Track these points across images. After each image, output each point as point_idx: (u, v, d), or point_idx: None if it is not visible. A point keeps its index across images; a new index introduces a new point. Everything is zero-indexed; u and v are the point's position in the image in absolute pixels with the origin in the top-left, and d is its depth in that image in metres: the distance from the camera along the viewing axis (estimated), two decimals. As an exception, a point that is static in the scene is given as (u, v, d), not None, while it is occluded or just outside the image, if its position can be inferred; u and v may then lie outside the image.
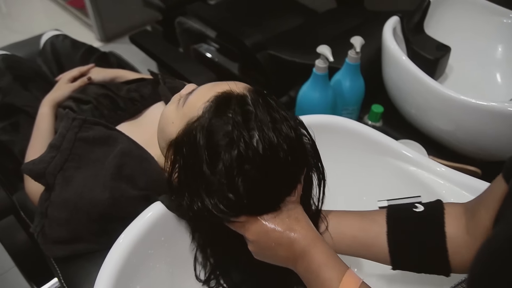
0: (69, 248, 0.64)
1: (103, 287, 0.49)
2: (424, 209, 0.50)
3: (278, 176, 0.46)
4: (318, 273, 0.44)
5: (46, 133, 0.78)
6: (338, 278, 0.42)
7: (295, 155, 0.46)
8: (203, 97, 0.49)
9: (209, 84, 0.52)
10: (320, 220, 0.53)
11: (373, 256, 0.52)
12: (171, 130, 0.52)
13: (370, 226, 0.51)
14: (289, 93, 1.10)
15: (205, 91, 0.50)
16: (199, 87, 0.52)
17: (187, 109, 0.50)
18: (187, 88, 0.55)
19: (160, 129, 0.55)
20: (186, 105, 0.50)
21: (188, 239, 0.59)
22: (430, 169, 0.66)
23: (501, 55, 1.03)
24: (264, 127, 0.44)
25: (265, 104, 0.47)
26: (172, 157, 0.51)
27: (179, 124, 0.50)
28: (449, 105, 0.79)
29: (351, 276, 0.42)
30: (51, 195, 0.62)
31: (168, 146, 0.52)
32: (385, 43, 0.90)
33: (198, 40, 1.32)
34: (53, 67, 1.04)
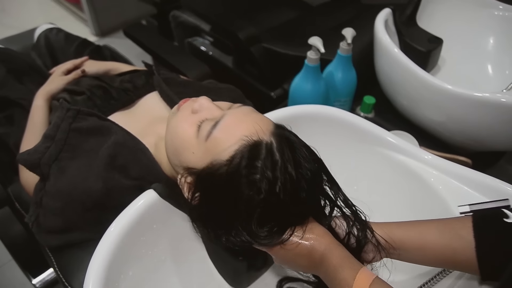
0: (63, 237, 0.65)
1: (95, 273, 0.50)
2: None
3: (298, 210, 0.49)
4: (335, 275, 0.45)
5: (40, 125, 0.79)
6: (352, 276, 0.43)
7: (313, 191, 0.50)
8: (230, 137, 0.48)
9: (233, 119, 0.50)
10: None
11: (460, 269, 0.51)
12: (191, 159, 0.52)
13: (457, 243, 0.47)
14: (283, 85, 1.10)
15: (232, 130, 0.49)
16: (223, 121, 0.50)
17: (212, 146, 0.49)
18: (204, 105, 0.53)
19: (174, 149, 0.54)
20: (210, 141, 0.49)
21: (180, 226, 0.60)
22: (420, 159, 0.66)
23: (492, 47, 1.04)
24: (288, 175, 0.47)
25: (289, 148, 0.49)
26: (193, 186, 0.52)
27: (201, 157, 0.50)
28: (441, 96, 0.80)
29: (365, 273, 0.43)
30: (46, 185, 0.63)
31: (186, 171, 0.53)
32: (377, 35, 0.91)
33: (193, 34, 1.32)
34: (47, 61, 1.04)
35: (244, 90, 0.83)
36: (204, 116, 0.52)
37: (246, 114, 0.51)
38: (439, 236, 0.48)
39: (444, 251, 0.48)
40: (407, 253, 0.50)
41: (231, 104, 0.56)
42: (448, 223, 0.50)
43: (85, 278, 0.50)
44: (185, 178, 0.53)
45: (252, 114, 0.51)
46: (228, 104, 0.57)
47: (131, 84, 0.79)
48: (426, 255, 0.49)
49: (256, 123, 0.49)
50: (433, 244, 0.48)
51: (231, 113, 0.51)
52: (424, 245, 0.49)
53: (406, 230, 0.50)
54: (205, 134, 0.50)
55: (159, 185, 0.59)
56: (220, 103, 0.56)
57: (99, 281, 0.50)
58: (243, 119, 0.50)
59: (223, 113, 0.51)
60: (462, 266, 0.48)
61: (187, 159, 0.52)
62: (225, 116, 0.50)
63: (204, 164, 0.50)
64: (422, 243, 0.49)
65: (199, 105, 0.54)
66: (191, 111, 0.54)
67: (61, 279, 0.63)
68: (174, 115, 0.56)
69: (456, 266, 0.49)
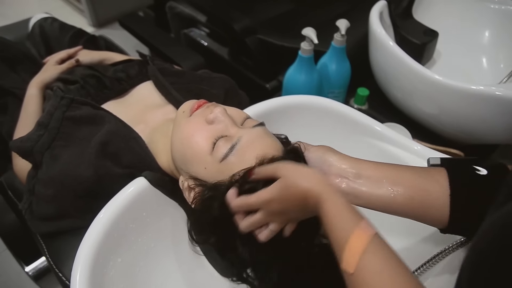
0: (55, 225, 0.65)
1: (83, 260, 0.50)
2: (488, 173, 0.46)
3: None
4: (331, 225, 0.42)
5: (33, 114, 0.79)
6: (350, 229, 0.40)
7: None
8: (244, 164, 0.49)
9: (249, 145, 0.51)
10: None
11: (424, 218, 0.48)
12: (201, 173, 0.52)
13: (431, 185, 0.47)
14: (278, 77, 1.10)
15: (246, 156, 0.50)
16: (240, 145, 0.50)
17: (226, 169, 0.50)
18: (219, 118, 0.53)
19: (183, 155, 0.54)
20: (225, 163, 0.50)
21: (170, 214, 0.60)
22: (412, 150, 0.67)
23: (488, 40, 1.04)
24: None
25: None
26: (195, 192, 0.53)
27: (212, 175, 0.51)
28: (435, 89, 0.80)
29: (363, 228, 0.40)
30: (38, 173, 0.63)
31: (192, 179, 0.54)
32: (372, 27, 0.90)
33: (189, 25, 1.32)
34: (42, 50, 1.04)
35: (239, 82, 0.83)
36: (220, 131, 0.52)
37: (261, 138, 0.52)
38: (415, 175, 0.48)
39: (417, 191, 0.47)
40: (373, 185, 0.48)
41: (245, 117, 0.56)
42: (424, 168, 0.50)
43: (73, 265, 0.50)
44: (187, 182, 0.54)
45: (266, 139, 0.52)
46: (241, 116, 0.57)
47: (125, 73, 0.79)
48: (397, 194, 0.47)
49: (268, 153, 0.50)
50: (407, 181, 0.48)
51: (247, 137, 0.51)
52: (397, 180, 0.48)
53: (379, 165, 0.50)
54: (221, 156, 0.50)
55: (150, 173, 0.59)
56: (233, 113, 0.56)
57: (87, 268, 0.50)
58: (257, 146, 0.51)
59: (238, 133, 0.52)
60: (429, 213, 0.47)
61: (197, 172, 0.53)
62: (241, 139, 0.51)
63: (213, 180, 0.51)
64: (396, 179, 0.48)
65: (214, 116, 0.53)
66: (205, 120, 0.54)
67: (52, 266, 0.63)
68: (187, 120, 0.55)
69: (425, 211, 0.47)
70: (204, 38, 1.27)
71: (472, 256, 0.34)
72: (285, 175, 0.45)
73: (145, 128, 0.68)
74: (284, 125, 0.72)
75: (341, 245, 0.40)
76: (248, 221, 0.48)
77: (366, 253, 0.38)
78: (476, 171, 0.47)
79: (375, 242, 0.39)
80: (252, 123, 0.55)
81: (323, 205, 0.43)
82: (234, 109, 0.58)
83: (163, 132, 0.65)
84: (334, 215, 0.42)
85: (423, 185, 0.47)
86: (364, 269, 0.38)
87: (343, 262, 0.39)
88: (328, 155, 0.52)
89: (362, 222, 0.41)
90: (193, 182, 0.54)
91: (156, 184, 0.59)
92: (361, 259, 0.38)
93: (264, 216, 0.48)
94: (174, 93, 0.73)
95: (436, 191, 0.46)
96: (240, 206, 0.48)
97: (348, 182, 0.49)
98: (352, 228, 0.40)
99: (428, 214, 0.47)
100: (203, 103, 0.56)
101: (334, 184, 0.49)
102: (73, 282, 0.49)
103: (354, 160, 0.51)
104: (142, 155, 0.64)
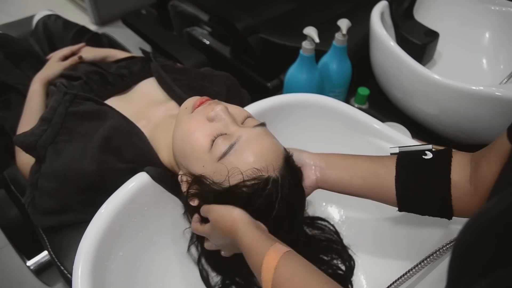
0: (58, 218, 0.65)
1: (85, 254, 0.51)
2: (432, 156, 0.52)
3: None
4: (249, 251, 0.47)
5: (37, 109, 0.79)
6: (264, 252, 0.45)
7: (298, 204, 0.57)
8: (242, 165, 0.51)
9: (248, 145, 0.52)
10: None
11: (381, 198, 0.55)
12: (199, 170, 0.53)
13: (381, 170, 0.54)
14: (280, 76, 1.11)
15: (245, 157, 0.51)
16: (238, 145, 0.51)
17: (223, 168, 0.51)
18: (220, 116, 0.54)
19: (182, 151, 0.55)
20: (223, 162, 0.51)
21: (171, 209, 0.61)
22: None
23: (488, 41, 1.05)
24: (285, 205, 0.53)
25: (290, 184, 0.53)
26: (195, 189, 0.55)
27: (210, 173, 0.52)
28: (435, 89, 0.80)
29: (274, 249, 0.45)
30: (41, 167, 0.64)
31: (190, 175, 0.55)
32: (373, 27, 0.91)
33: (191, 24, 1.32)
34: (45, 47, 1.05)
35: (241, 80, 0.84)
36: (219, 129, 0.53)
37: (260, 139, 0.53)
38: (368, 162, 0.56)
39: (369, 175, 0.55)
40: (337, 171, 0.56)
41: (246, 116, 0.57)
42: (378, 156, 0.57)
43: (75, 258, 0.51)
44: (186, 177, 0.55)
45: (265, 140, 0.53)
46: (242, 114, 0.57)
47: (128, 70, 0.80)
48: (354, 177, 0.55)
49: (267, 154, 0.52)
50: (362, 166, 0.56)
51: (246, 136, 0.52)
52: (354, 165, 0.56)
53: (344, 156, 0.58)
54: (219, 154, 0.51)
55: (152, 168, 0.60)
56: (235, 111, 0.57)
57: (89, 261, 0.51)
58: (256, 147, 0.52)
59: (238, 132, 0.52)
60: (382, 193, 0.54)
61: (195, 168, 0.54)
62: (240, 139, 0.51)
63: (211, 179, 0.52)
64: (355, 165, 0.56)
65: (215, 114, 0.54)
66: (206, 117, 0.54)
67: (54, 259, 0.64)
68: (188, 117, 0.56)
69: (377, 192, 0.55)
70: (206, 36, 1.27)
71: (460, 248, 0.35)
72: (212, 219, 0.52)
73: (147, 123, 0.69)
74: (285, 123, 0.73)
75: (258, 270, 0.44)
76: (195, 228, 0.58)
77: (277, 268, 0.42)
78: (423, 156, 0.52)
79: (286, 257, 0.44)
80: (253, 122, 0.56)
81: (240, 241, 0.48)
82: (236, 107, 0.58)
83: (165, 128, 0.65)
84: (249, 245, 0.47)
85: (374, 169, 0.55)
86: (277, 281, 0.42)
87: (263, 283, 0.43)
88: (303, 154, 0.59)
89: (274, 245, 0.45)
90: (190, 177, 0.55)
91: (158, 179, 0.60)
92: (275, 274, 0.42)
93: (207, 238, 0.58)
94: (177, 89, 0.74)
95: (384, 173, 0.54)
96: (194, 230, 0.58)
97: (320, 170, 0.57)
98: (265, 251, 0.45)
99: (380, 194, 0.55)
100: (205, 100, 0.57)
101: (312, 174, 0.57)
102: (75, 275, 0.50)
103: (323, 155, 0.59)
104: (145, 150, 0.65)
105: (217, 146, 0.52)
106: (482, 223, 0.31)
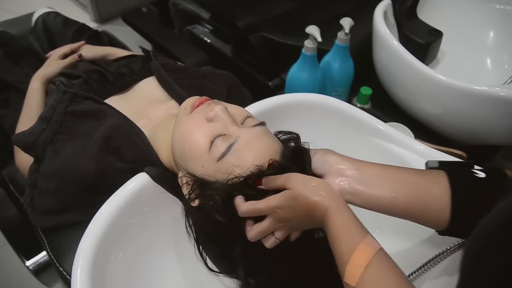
0: (56, 219, 0.65)
1: (84, 255, 0.50)
2: (486, 176, 0.46)
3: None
4: (336, 239, 0.43)
5: (36, 108, 0.79)
6: (353, 245, 0.41)
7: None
8: (241, 163, 0.50)
9: (247, 145, 0.51)
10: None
11: (426, 219, 0.47)
12: (198, 170, 0.53)
13: (433, 187, 0.46)
14: (281, 75, 1.10)
15: (244, 156, 0.50)
16: (237, 145, 0.50)
17: (223, 168, 0.50)
18: (219, 116, 0.53)
19: (181, 152, 0.54)
20: (222, 162, 0.50)
21: (171, 210, 0.60)
22: (415, 150, 0.66)
23: (492, 41, 1.04)
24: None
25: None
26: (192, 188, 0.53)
27: (209, 173, 0.51)
28: (439, 89, 0.80)
29: (368, 243, 0.41)
30: (40, 167, 0.63)
31: (190, 176, 0.54)
32: (376, 26, 0.90)
33: (192, 22, 1.32)
34: (45, 45, 1.04)
35: (242, 79, 0.83)
36: (219, 129, 0.52)
37: (259, 138, 0.52)
38: (416, 176, 0.48)
39: (418, 191, 0.47)
40: (378, 187, 0.47)
41: (246, 116, 0.56)
42: (424, 170, 0.50)
43: (74, 259, 0.50)
44: (186, 178, 0.54)
45: (264, 139, 0.52)
46: (242, 114, 0.56)
47: (128, 68, 0.79)
48: (399, 193, 0.47)
49: (266, 153, 0.50)
50: (408, 181, 0.47)
51: (245, 136, 0.51)
52: (398, 180, 0.48)
53: (379, 166, 0.50)
54: (218, 155, 0.50)
55: (152, 168, 0.59)
56: (234, 111, 0.56)
57: (88, 262, 0.50)
58: (254, 146, 0.51)
59: (237, 133, 0.51)
60: (432, 212, 0.46)
61: (194, 169, 0.53)
62: (239, 139, 0.51)
63: (210, 179, 0.51)
64: (396, 178, 0.48)
65: (214, 114, 0.53)
66: (205, 118, 0.54)
67: (52, 260, 0.63)
68: (187, 117, 0.55)
69: (426, 211, 0.47)
70: (207, 35, 1.26)
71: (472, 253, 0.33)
72: (295, 187, 0.46)
73: (147, 123, 0.68)
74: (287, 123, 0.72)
75: (344, 259, 0.41)
76: (256, 230, 0.49)
77: (368, 267, 0.39)
78: (475, 174, 0.47)
79: (378, 257, 0.40)
80: (252, 122, 0.55)
81: (329, 218, 0.44)
82: (236, 107, 0.57)
83: (165, 127, 0.65)
84: (339, 229, 0.43)
85: (423, 185, 0.47)
86: (365, 282, 0.39)
87: (346, 275, 0.40)
88: (328, 156, 0.51)
89: (366, 237, 0.42)
90: (190, 178, 0.54)
91: (158, 179, 0.59)
92: (363, 273, 0.39)
93: (272, 224, 0.48)
94: (177, 88, 0.73)
95: (437, 192, 0.46)
96: (249, 211, 0.48)
97: (349, 180, 0.48)
98: (357, 243, 0.41)
99: (428, 214, 0.47)
100: (204, 100, 0.56)
101: (336, 185, 0.48)
102: (74, 276, 0.49)
103: (354, 161, 0.50)
104: (145, 150, 0.64)
105: (216, 146, 0.51)
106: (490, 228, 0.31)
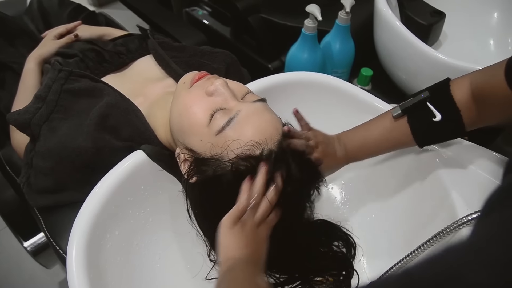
0: (54, 198, 0.64)
1: (79, 233, 0.50)
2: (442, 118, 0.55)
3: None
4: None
5: (32, 88, 0.77)
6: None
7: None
8: (240, 138, 0.49)
9: (247, 119, 0.50)
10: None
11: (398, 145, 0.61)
12: (196, 144, 0.52)
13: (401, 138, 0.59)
14: (281, 57, 1.08)
15: (243, 131, 0.49)
16: (237, 119, 0.50)
17: (221, 142, 0.50)
18: (219, 90, 0.52)
19: (180, 126, 0.54)
20: (221, 136, 0.50)
21: (168, 188, 0.59)
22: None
23: (496, 22, 1.02)
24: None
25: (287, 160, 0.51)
26: (190, 165, 0.53)
27: (208, 148, 0.51)
28: (441, 70, 0.78)
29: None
30: (36, 145, 0.62)
31: (188, 151, 0.53)
32: (377, 6, 0.88)
33: (191, 3, 1.29)
34: (40, 25, 1.02)
35: (241, 61, 0.82)
36: (219, 103, 0.51)
37: (260, 113, 0.51)
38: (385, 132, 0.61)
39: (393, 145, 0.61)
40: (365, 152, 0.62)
41: (246, 91, 0.55)
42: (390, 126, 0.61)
43: (69, 237, 0.50)
44: (184, 155, 0.53)
45: (265, 115, 0.52)
46: (242, 90, 0.55)
47: (125, 47, 0.78)
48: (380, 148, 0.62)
49: (266, 128, 0.50)
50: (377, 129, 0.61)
51: (245, 111, 0.50)
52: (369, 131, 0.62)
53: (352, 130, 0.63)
54: (217, 129, 0.50)
55: (149, 146, 0.59)
56: (234, 86, 0.55)
57: (84, 240, 0.50)
58: (255, 121, 0.50)
59: (237, 107, 0.51)
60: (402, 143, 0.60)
61: (192, 143, 0.52)
62: (239, 114, 0.50)
63: (208, 154, 0.51)
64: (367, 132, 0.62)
65: (214, 88, 0.52)
66: (205, 92, 0.53)
67: (49, 239, 0.63)
68: (187, 91, 0.54)
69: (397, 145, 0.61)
70: (206, 17, 1.24)
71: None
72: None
73: (144, 101, 0.67)
74: (286, 101, 0.71)
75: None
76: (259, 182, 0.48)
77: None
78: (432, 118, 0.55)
79: None
80: (253, 97, 0.54)
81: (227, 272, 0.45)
82: (236, 82, 0.56)
83: (162, 105, 0.64)
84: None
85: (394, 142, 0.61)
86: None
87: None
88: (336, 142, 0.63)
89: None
90: (188, 153, 0.53)
91: (155, 157, 0.58)
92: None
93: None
94: (174, 66, 0.72)
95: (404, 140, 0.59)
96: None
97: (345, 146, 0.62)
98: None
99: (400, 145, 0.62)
100: (204, 74, 0.55)
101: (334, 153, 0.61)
102: (69, 254, 0.49)
103: (340, 134, 0.63)
104: (141, 128, 0.64)
105: (216, 120, 0.50)
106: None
